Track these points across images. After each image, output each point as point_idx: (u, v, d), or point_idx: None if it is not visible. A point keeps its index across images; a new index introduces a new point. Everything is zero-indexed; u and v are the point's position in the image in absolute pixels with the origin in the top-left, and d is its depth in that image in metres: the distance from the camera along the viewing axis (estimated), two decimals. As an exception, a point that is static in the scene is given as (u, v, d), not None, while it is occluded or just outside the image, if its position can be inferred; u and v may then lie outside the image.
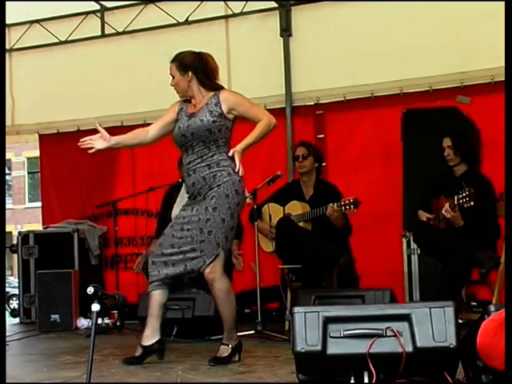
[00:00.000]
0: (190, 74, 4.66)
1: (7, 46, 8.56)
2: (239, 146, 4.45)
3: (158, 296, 4.57)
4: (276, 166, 6.98)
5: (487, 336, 2.97)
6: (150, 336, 4.59)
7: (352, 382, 3.22)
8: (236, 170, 4.45)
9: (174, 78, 4.73)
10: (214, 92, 4.64)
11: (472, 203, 5.18)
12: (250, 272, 6.34)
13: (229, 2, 7.92)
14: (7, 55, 8.55)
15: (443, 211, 5.37)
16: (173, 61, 4.74)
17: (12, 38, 8.74)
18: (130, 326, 6.29)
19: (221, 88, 4.68)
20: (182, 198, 6.65)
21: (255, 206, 5.99)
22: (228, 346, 4.56)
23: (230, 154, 4.44)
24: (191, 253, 4.48)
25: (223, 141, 4.58)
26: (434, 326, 3.21)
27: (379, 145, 7.30)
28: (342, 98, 7.52)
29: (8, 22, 8.33)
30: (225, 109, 4.57)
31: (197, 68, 4.66)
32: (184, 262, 4.50)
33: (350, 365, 3.23)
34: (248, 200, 5.97)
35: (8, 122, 8.31)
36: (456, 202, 5.28)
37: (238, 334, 5.54)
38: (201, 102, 4.64)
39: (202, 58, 4.70)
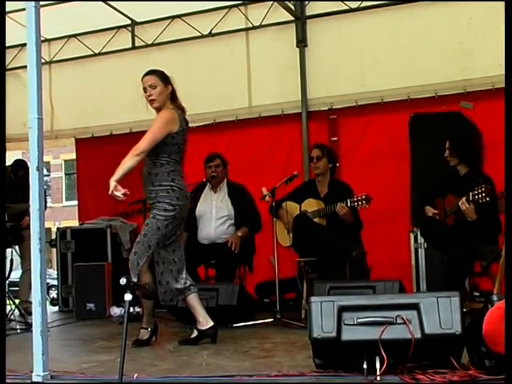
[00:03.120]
0: (170, 87, 4.79)
1: (47, 59, 8.59)
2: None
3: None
4: (293, 166, 6.94)
5: (493, 323, 2.95)
6: (205, 322, 4.80)
7: (365, 366, 3.21)
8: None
9: (154, 87, 4.76)
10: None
11: (488, 199, 5.10)
12: (268, 265, 6.32)
13: (249, 16, 7.92)
14: (47, 67, 8.58)
15: (459, 203, 5.30)
16: (152, 73, 4.81)
17: (52, 51, 8.77)
18: (159, 314, 6.25)
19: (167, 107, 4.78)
20: (206, 196, 6.68)
21: (274, 204, 5.98)
22: (147, 329, 4.79)
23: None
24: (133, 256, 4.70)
25: (165, 157, 4.71)
26: (440, 314, 3.20)
27: (388, 147, 7.26)
28: (354, 104, 7.48)
29: (48, 36, 8.38)
30: None
31: (172, 85, 4.82)
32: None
33: (363, 350, 3.23)
34: (267, 198, 5.97)
35: (47, 128, 8.34)
36: (471, 198, 5.21)
37: (259, 321, 5.59)
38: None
39: None
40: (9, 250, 6.92)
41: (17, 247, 7.23)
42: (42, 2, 3.72)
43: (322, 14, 7.63)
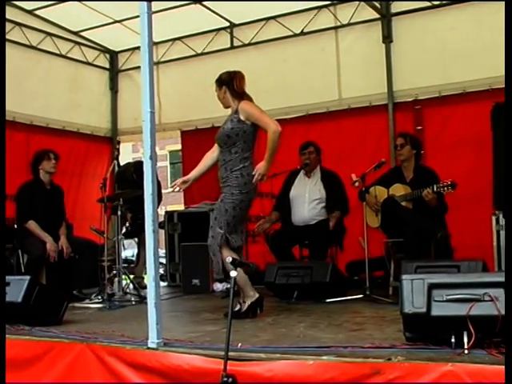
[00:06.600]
0: (223, 88, 5.01)
1: (155, 60, 8.71)
2: (261, 170, 4.81)
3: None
4: (381, 154, 6.83)
5: None
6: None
7: (453, 340, 3.14)
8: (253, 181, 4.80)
9: (216, 92, 5.10)
10: (238, 101, 4.92)
11: None
12: (358, 245, 6.26)
13: (338, 15, 7.86)
14: (155, 67, 8.69)
15: None
16: (215, 81, 5.11)
17: (159, 53, 8.95)
18: (258, 290, 6.32)
19: (242, 98, 4.93)
20: (300, 180, 6.68)
21: (363, 189, 5.91)
22: (245, 303, 4.84)
23: (255, 176, 4.80)
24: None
25: (241, 144, 4.86)
26: (527, 292, 3.07)
27: (471, 135, 7.05)
28: (438, 94, 7.34)
29: (155, 40, 8.49)
30: (242, 117, 4.86)
31: (229, 83, 4.98)
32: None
33: (452, 325, 3.15)
34: (357, 183, 5.91)
35: (156, 121, 8.38)
36: None
37: (349, 297, 5.54)
38: (231, 110, 5.01)
39: (231, 75, 5.02)
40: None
41: None
42: (153, 3, 3.76)
43: (406, 12, 7.52)
